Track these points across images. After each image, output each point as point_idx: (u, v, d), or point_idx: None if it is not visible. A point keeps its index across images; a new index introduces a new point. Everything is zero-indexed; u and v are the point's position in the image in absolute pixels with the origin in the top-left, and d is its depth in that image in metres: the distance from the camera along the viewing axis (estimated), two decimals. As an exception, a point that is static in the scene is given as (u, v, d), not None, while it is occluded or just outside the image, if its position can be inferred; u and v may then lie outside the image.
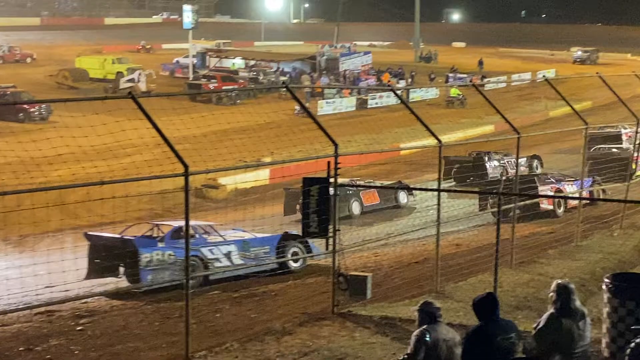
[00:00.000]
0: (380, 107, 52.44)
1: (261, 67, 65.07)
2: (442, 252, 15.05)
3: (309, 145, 22.95)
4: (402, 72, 68.06)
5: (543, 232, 19.88)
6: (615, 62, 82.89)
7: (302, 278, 16.34)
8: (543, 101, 48.13)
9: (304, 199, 12.28)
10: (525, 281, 14.42)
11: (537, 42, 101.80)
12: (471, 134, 39.67)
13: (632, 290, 8.58)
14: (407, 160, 32.51)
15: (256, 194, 25.74)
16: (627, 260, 16.21)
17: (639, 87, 25.93)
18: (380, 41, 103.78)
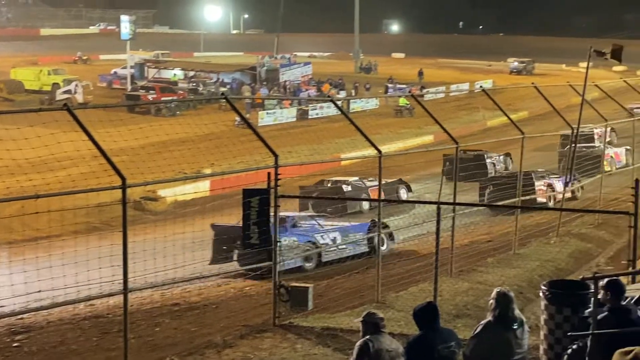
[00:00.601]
0: (321, 117, 52.56)
1: (201, 78, 64.73)
2: (383, 261, 15.11)
3: (250, 157, 22.90)
4: (342, 82, 68.36)
5: (482, 241, 20.10)
6: (550, 73, 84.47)
7: (243, 290, 16.25)
8: (481, 111, 48.76)
9: (245, 210, 12.21)
10: (465, 289, 14.56)
11: (474, 53, 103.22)
12: (411, 144, 39.98)
13: (568, 297, 8.70)
14: (348, 171, 32.60)
15: (196, 206, 25.55)
16: (563, 268, 16.50)
17: (574, 97, 26.36)
18: (320, 52, 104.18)
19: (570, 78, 54.50)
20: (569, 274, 15.82)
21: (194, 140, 29.58)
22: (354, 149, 27.09)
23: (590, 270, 15.18)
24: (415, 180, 29.82)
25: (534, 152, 30.44)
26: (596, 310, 7.68)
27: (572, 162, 20.30)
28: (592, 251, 18.44)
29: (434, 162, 28.47)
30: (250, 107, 51.53)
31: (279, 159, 12.27)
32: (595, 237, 19.61)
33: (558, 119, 21.47)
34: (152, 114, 49.31)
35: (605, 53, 19.96)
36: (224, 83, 63.64)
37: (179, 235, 14.50)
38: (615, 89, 32.49)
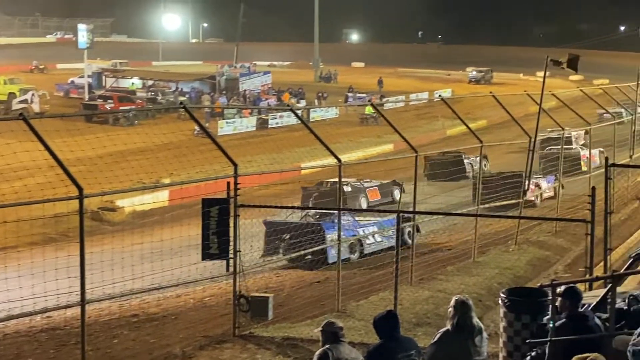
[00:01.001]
0: (281, 126, 52.52)
1: (159, 87, 64.36)
2: (344, 270, 15.11)
3: (209, 166, 22.75)
4: (302, 92, 68.40)
5: (442, 249, 20.20)
6: (508, 82, 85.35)
7: (202, 300, 16.13)
8: (440, 120, 49.07)
9: (204, 220, 12.14)
10: (425, 298, 14.60)
11: (433, 62, 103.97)
12: (371, 152, 40.09)
13: (526, 304, 8.77)
14: (308, 180, 32.58)
15: (155, 216, 25.34)
16: (522, 275, 16.64)
17: (531, 106, 26.67)
18: (280, 61, 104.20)
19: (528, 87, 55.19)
20: (528, 281, 15.94)
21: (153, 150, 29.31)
22: (314, 158, 27.07)
23: (548, 278, 15.31)
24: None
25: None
26: (554, 317, 7.74)
27: (531, 168, 20.49)
28: (550, 258, 18.61)
29: (394, 171, 28.62)
30: (209, 116, 51.34)
31: (238, 169, 12.23)
32: (553, 244, 19.80)
33: (516, 128, 21.69)
34: (110, 123, 48.90)
35: (562, 62, 20.20)
36: (183, 92, 63.35)
37: (137, 246, 14.36)
38: (572, 98, 32.95)
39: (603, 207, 12.64)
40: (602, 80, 73.48)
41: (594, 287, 11.05)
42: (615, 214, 20.23)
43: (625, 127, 28.49)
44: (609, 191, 12.82)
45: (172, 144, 34.18)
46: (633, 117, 28.00)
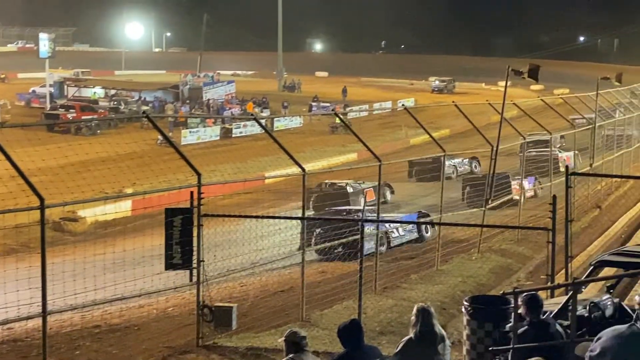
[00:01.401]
0: (245, 136, 52.42)
1: (122, 97, 63.99)
2: (308, 280, 15.09)
3: (172, 176, 22.63)
4: (266, 101, 68.36)
5: (406, 258, 20.27)
6: (471, 91, 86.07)
7: (165, 310, 16.02)
8: (404, 129, 49.33)
9: (167, 230, 12.07)
10: (389, 306, 14.64)
11: (397, 71, 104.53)
12: (335, 161, 40.16)
13: (489, 312, 8.83)
14: (272, 189, 32.56)
15: (118, 226, 25.12)
16: (484, 283, 16.75)
17: (493, 115, 26.98)
18: (243, 70, 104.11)
19: (490, 97, 55.75)
20: (490, 289, 16.06)
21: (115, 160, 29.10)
22: (279, 167, 27.08)
23: (510, 286, 15.43)
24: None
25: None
26: (516, 324, 7.81)
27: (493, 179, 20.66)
28: (513, 266, 18.75)
29: (359, 179, 28.74)
30: (172, 125, 51.11)
31: (202, 178, 12.19)
32: (516, 252, 19.96)
33: (479, 137, 21.87)
34: (72, 133, 48.48)
35: (523, 72, 20.44)
36: (146, 101, 63.03)
37: (99, 256, 14.25)
38: (533, 107, 33.34)
39: (564, 215, 12.77)
40: (562, 89, 74.36)
41: (556, 295, 11.17)
42: (576, 222, 20.52)
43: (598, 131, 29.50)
44: (570, 199, 12.96)
45: (135, 153, 33.95)
46: (593, 125, 28.40)
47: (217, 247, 17.45)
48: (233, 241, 24.85)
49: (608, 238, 21.54)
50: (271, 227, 19.25)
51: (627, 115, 33.83)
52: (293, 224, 24.22)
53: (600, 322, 8.56)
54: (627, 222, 23.73)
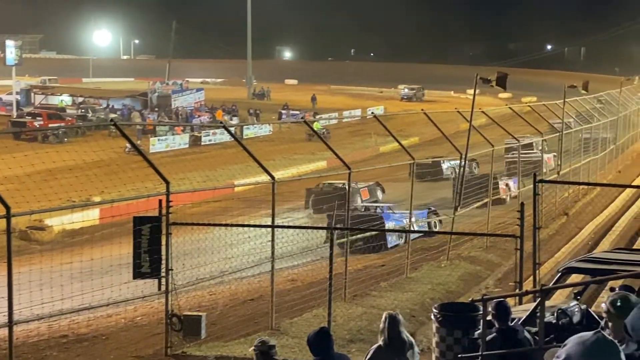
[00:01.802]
0: (214, 144, 52.26)
1: (90, 104, 63.56)
2: (278, 288, 15.07)
3: (141, 184, 22.47)
4: (235, 109, 68.23)
5: (375, 265, 20.29)
6: (440, 99, 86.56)
7: (134, 320, 15.89)
8: (373, 137, 49.44)
9: (135, 239, 11.98)
10: (359, 314, 14.63)
11: (366, 79, 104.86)
12: (305, 169, 40.16)
13: (458, 319, 8.86)
14: (242, 197, 32.46)
15: (85, 235, 24.91)
16: (454, 290, 16.79)
17: (462, 123, 27.13)
18: (213, 78, 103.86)
19: (459, 104, 56.08)
20: (459, 296, 16.11)
21: (83, 168, 28.88)
22: (248, 175, 27.01)
23: (479, 293, 15.49)
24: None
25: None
26: (485, 331, 7.84)
27: (462, 185, 20.75)
28: (481, 273, 18.83)
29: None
30: (141, 133, 50.82)
31: (170, 186, 12.13)
32: (484, 259, 20.05)
33: (448, 144, 21.97)
34: (39, 141, 48.04)
35: (491, 80, 20.58)
36: (114, 109, 62.64)
37: (67, 265, 14.11)
38: (501, 115, 33.55)
39: (532, 222, 12.85)
40: (530, 97, 75.03)
41: (524, 302, 11.24)
42: (543, 229, 20.67)
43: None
44: (537, 207, 13.05)
45: (103, 161, 33.71)
46: (561, 133, 28.66)
47: (186, 256, 17.39)
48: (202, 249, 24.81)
49: (575, 245, 21.72)
50: (240, 235, 19.17)
51: (598, 122, 34.16)
52: (263, 232, 24.16)
53: (568, 328, 8.62)
54: (594, 229, 23.95)
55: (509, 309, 8.01)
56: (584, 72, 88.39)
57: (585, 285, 10.46)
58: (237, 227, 19.27)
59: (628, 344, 4.52)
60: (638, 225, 23.73)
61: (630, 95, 45.92)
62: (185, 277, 14.87)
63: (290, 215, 27.84)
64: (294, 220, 27.77)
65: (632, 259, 9.44)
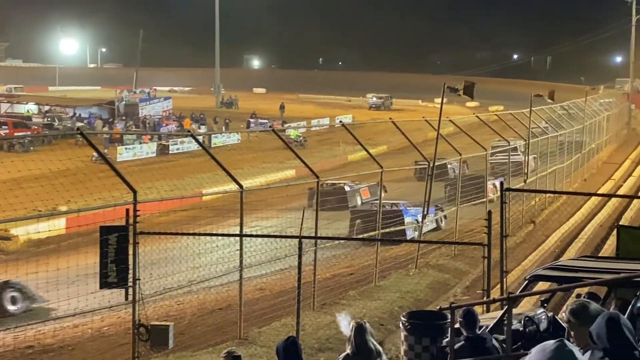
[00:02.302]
0: (182, 152, 51.99)
1: (56, 113, 63.04)
2: (246, 297, 15.02)
3: (108, 193, 22.32)
4: (203, 117, 67.99)
5: (344, 274, 20.30)
6: (407, 108, 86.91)
7: (101, 330, 15.75)
8: (342, 146, 49.48)
9: (102, 248, 11.88)
10: (327, 323, 14.61)
11: (334, 88, 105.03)
12: (273, 178, 40.09)
13: (426, 327, 8.88)
14: (210, 206, 32.33)
15: (51, 245, 24.68)
16: (422, 299, 16.85)
17: (430, 131, 27.28)
18: (181, 87, 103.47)
19: (427, 113, 56.31)
20: (428, 304, 16.17)
21: (49, 177, 28.59)
22: (216, 184, 26.92)
23: (447, 301, 15.55)
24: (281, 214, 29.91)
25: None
26: (453, 339, 7.86)
27: (430, 194, 20.85)
28: (450, 281, 18.91)
29: (296, 196, 28.69)
30: (108, 142, 50.47)
31: (137, 195, 12.05)
32: (452, 267, 20.14)
33: (416, 153, 22.08)
34: (5, 150, 47.56)
35: (458, 89, 20.72)
36: (81, 118, 62.16)
37: (32, 275, 13.95)
38: (469, 124, 33.78)
39: (499, 231, 12.93)
40: (497, 106, 75.59)
41: (492, 309, 11.29)
42: (511, 237, 20.83)
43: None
44: (505, 215, 13.13)
45: (69, 170, 33.36)
46: (527, 142, 28.91)
47: (154, 265, 17.28)
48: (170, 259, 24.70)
49: (542, 252, 21.90)
50: (208, 244, 19.10)
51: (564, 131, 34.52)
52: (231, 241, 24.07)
53: (535, 336, 8.67)
54: (560, 237, 24.17)
55: (477, 317, 8.05)
56: (550, 82, 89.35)
57: (551, 292, 10.53)
58: (205, 236, 19.19)
59: (594, 352, 4.56)
60: (603, 233, 23.98)
61: (593, 102, 46.42)
62: (152, 286, 14.77)
63: (259, 224, 27.79)
64: (263, 228, 27.74)
65: (597, 267, 9.52)
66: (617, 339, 4.48)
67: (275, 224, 29.06)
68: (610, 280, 8.53)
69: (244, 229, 15.12)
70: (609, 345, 4.46)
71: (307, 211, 26.32)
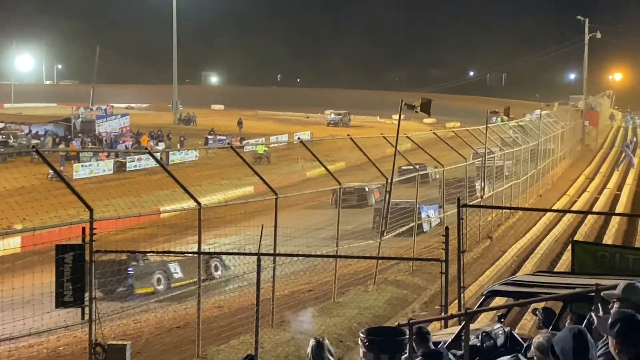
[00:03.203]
0: (139, 169, 51.62)
1: (11, 130, 62.28)
2: (204, 315, 14.93)
3: (64, 211, 22.12)
4: (161, 134, 67.63)
5: (303, 290, 20.28)
6: (366, 124, 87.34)
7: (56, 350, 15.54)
8: (300, 162, 49.53)
9: (58, 267, 11.75)
10: (287, 340, 14.58)
11: (293, 105, 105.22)
12: (232, 194, 39.95)
13: (385, 343, 8.90)
14: (168, 224, 32.13)
15: (6, 264, 24.30)
16: (380, 314, 16.90)
17: (388, 147, 27.45)
18: (138, 103, 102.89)
19: (385, 129, 56.69)
20: (386, 320, 16.21)
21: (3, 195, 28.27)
22: (175, 201, 26.78)
23: (406, 317, 15.61)
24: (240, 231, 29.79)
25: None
26: (411, 355, 7.91)
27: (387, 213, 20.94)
28: (408, 297, 18.99)
29: (254, 213, 28.57)
30: (64, 159, 49.96)
31: (94, 213, 11.95)
32: (411, 283, 20.23)
33: (374, 169, 22.19)
34: (-41, 167, 46.82)
35: (415, 106, 20.88)
36: (37, 135, 61.46)
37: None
38: (426, 140, 34.06)
39: (457, 246, 13.03)
40: (454, 123, 76.29)
41: (450, 325, 11.36)
42: (468, 253, 21.00)
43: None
44: (462, 231, 13.24)
45: (25, 188, 32.94)
46: (483, 159, 29.21)
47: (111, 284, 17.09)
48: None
49: (499, 268, 22.09)
50: (166, 262, 18.97)
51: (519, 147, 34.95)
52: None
53: (492, 351, 8.75)
54: (516, 252, 24.40)
55: (427, 333, 8.10)
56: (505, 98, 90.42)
57: (508, 308, 10.65)
58: (163, 254, 19.07)
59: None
60: (559, 248, 24.27)
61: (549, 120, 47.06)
62: (109, 305, 14.64)
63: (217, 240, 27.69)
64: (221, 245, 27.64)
65: (553, 282, 9.64)
66: (582, 355, 4.53)
67: (234, 241, 28.95)
68: (566, 295, 8.65)
69: (202, 247, 15.05)
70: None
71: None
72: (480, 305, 9.71)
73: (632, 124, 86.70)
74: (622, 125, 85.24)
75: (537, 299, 9.11)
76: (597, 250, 11.27)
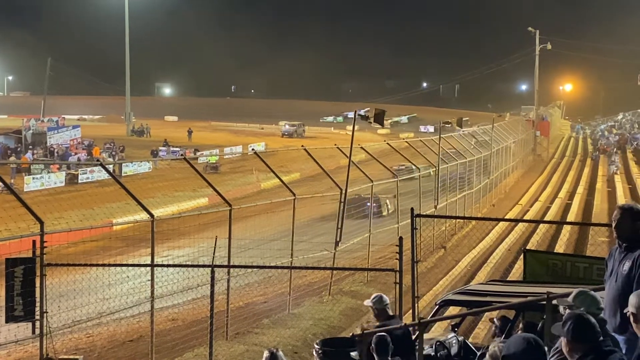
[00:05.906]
0: (91, 182, 51.07)
1: (-40, 142, 61.24)
2: (158, 328, 14.80)
3: (14, 224, 21.75)
4: (112, 146, 67.03)
5: (258, 302, 20.20)
6: (320, 135, 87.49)
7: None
8: (255, 173, 49.41)
9: (8, 281, 11.56)
10: (241, 352, 14.51)
11: (247, 116, 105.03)
12: (186, 206, 39.69)
13: (339, 354, 8.91)
14: (121, 236, 31.79)
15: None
16: (335, 325, 16.90)
17: (342, 158, 27.55)
18: (90, 115, 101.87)
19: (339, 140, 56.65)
20: (341, 331, 16.22)
21: (-48, 208, 27.67)
22: (127, 214, 26.47)
23: (360, 327, 15.61)
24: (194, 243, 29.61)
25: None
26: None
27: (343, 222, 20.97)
28: (363, 308, 18.92)
29: (208, 225, 28.40)
30: (15, 172, 49.20)
31: (45, 226, 11.79)
32: (366, 294, 20.21)
33: (328, 180, 22.22)
34: None
35: (369, 117, 20.98)
36: (-14, 147, 60.53)
37: None
38: (380, 151, 34.24)
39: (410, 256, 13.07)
40: (407, 133, 76.77)
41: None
42: (422, 263, 21.11)
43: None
44: (415, 241, 13.29)
45: (-26, 201, 32.44)
46: (437, 169, 29.43)
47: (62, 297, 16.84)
48: (79, 291, 24.12)
49: (453, 277, 22.25)
50: (119, 275, 18.78)
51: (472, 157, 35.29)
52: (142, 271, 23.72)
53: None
54: (470, 262, 24.60)
55: (388, 344, 8.11)
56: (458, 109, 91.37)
57: (462, 317, 10.71)
58: (116, 266, 18.86)
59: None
60: (511, 257, 24.52)
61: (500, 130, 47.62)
62: (61, 319, 14.42)
63: (171, 253, 27.49)
64: (175, 258, 27.46)
65: (506, 291, 9.72)
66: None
67: (188, 253, 28.78)
68: (518, 304, 8.73)
69: (155, 259, 14.92)
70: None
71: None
72: (434, 314, 9.76)
73: (583, 134, 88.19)
74: (572, 135, 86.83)
75: (490, 307, 9.18)
76: (549, 259, 11.38)
